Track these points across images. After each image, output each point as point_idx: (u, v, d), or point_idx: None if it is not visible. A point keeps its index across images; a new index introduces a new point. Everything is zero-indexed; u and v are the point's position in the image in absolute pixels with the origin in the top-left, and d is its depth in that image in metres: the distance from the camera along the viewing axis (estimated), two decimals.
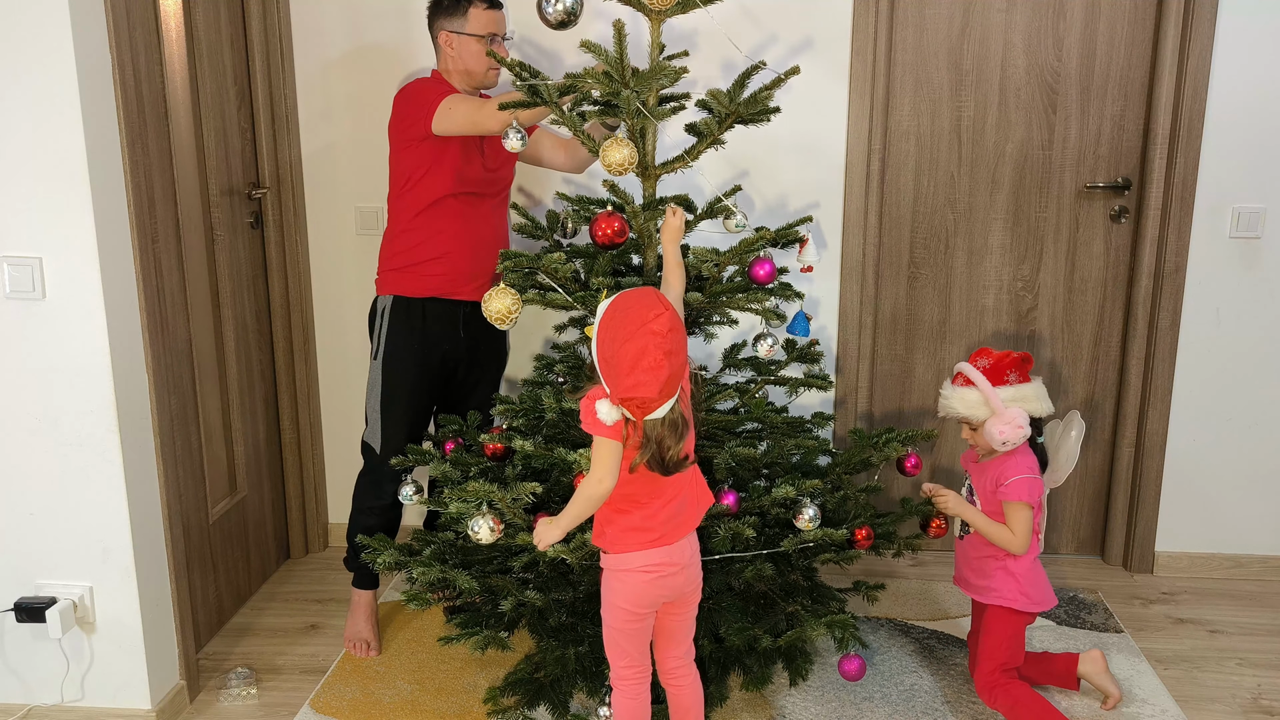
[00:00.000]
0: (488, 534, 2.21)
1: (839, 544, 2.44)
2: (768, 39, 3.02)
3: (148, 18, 2.43)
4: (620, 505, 2.00)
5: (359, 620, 2.83)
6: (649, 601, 2.05)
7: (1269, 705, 2.59)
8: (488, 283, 2.74)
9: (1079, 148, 3.11)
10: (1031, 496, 2.35)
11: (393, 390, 2.74)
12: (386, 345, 2.73)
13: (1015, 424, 2.33)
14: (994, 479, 2.39)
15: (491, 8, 2.66)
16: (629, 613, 2.04)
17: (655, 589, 2.03)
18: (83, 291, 2.24)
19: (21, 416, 2.33)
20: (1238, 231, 3.04)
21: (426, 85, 2.66)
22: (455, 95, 2.61)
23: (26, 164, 2.19)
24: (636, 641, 2.08)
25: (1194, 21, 2.92)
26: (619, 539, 2.02)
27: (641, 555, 2.00)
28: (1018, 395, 2.37)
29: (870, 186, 3.11)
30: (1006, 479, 2.36)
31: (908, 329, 3.27)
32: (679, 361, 1.87)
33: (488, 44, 2.65)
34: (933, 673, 2.70)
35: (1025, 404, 2.36)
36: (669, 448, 1.90)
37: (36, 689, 2.47)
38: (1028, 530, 2.36)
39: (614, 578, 2.05)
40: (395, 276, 2.74)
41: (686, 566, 2.05)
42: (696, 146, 2.42)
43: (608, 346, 1.87)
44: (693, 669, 2.19)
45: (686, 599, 2.11)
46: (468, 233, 2.72)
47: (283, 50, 3.07)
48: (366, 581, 2.85)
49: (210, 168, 2.82)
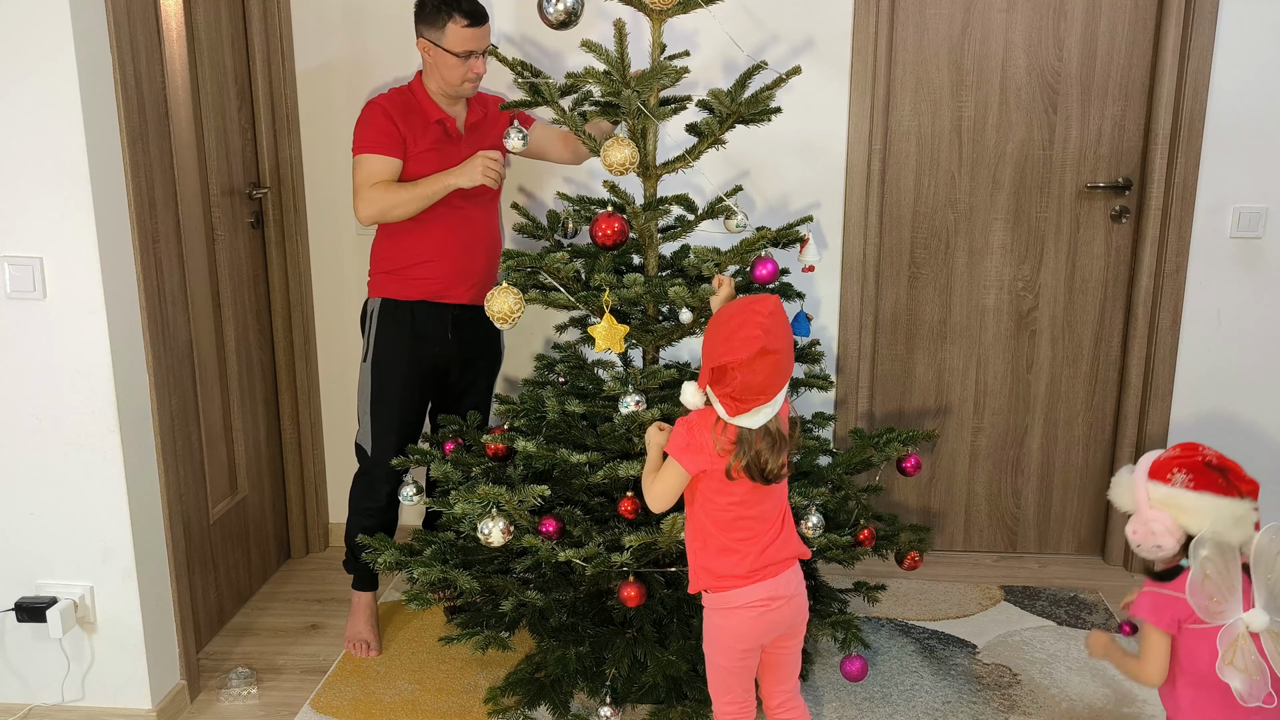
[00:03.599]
0: (499, 537, 2.20)
1: (842, 545, 2.44)
2: (769, 39, 3.02)
3: (148, 18, 2.43)
4: (719, 545, 1.94)
5: (359, 621, 2.83)
6: (756, 637, 1.98)
7: None
8: (477, 285, 2.74)
9: (1079, 148, 3.11)
10: (1156, 616, 1.87)
11: (382, 392, 2.75)
12: (376, 347, 2.74)
13: (1149, 529, 1.90)
14: None
15: (472, 25, 2.57)
16: (735, 650, 1.98)
17: (761, 624, 1.96)
18: (83, 291, 2.24)
19: (22, 416, 2.32)
20: (1238, 231, 3.04)
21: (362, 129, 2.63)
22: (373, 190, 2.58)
23: (27, 164, 2.19)
24: (742, 679, 2.02)
25: (1194, 21, 2.92)
26: (719, 581, 1.96)
27: (745, 591, 1.94)
28: (1170, 499, 1.88)
29: (871, 186, 3.11)
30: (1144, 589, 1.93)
31: (908, 329, 3.27)
32: (777, 345, 1.80)
33: (463, 61, 2.60)
34: (933, 673, 2.70)
35: (1180, 514, 1.87)
36: (767, 459, 1.85)
37: (37, 689, 2.47)
38: (1158, 657, 1.88)
39: (719, 615, 1.98)
40: (385, 279, 2.74)
41: (793, 598, 1.98)
42: (698, 146, 2.42)
43: (711, 333, 1.86)
44: (800, 702, 2.11)
45: (795, 630, 2.02)
46: (457, 236, 2.71)
47: (283, 50, 3.07)
48: (366, 583, 2.86)
49: (210, 168, 2.81)
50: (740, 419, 1.83)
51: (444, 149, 2.67)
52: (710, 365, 1.82)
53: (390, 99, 2.67)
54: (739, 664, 2.00)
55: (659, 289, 2.36)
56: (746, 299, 1.88)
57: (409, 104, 2.67)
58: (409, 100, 2.68)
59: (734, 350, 1.78)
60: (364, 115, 2.66)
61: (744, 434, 1.84)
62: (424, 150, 2.65)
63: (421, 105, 2.67)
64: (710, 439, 1.87)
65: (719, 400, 1.84)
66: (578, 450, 2.36)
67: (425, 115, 2.66)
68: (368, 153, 2.61)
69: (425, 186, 2.59)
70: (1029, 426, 3.31)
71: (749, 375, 1.78)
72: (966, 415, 3.32)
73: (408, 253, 2.70)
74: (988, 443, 3.33)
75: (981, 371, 3.28)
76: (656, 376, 2.31)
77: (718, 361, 1.80)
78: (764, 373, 1.79)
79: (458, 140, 2.71)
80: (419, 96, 2.68)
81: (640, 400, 2.27)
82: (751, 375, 1.78)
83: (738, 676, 2.01)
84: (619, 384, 2.30)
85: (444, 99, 2.68)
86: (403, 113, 2.64)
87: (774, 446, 1.85)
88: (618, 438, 2.36)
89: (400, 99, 2.67)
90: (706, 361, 1.84)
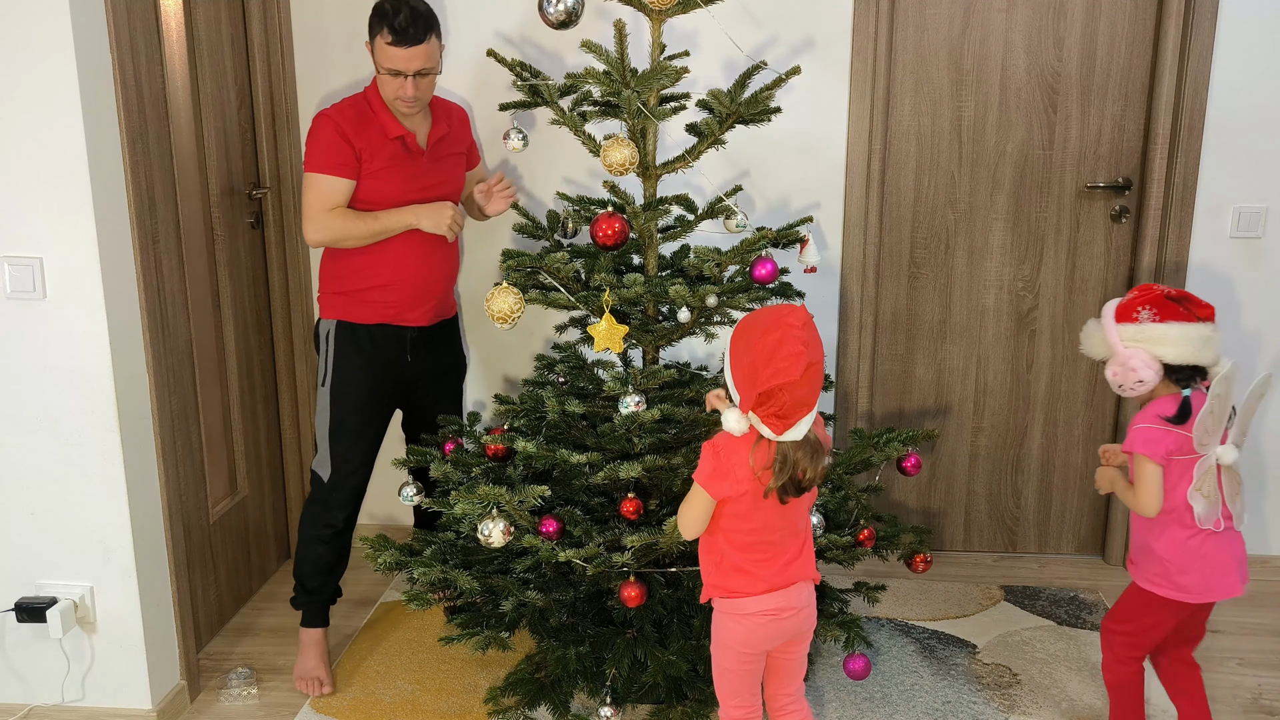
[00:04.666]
0: (500, 538, 2.20)
1: (842, 545, 2.44)
2: (769, 39, 3.02)
3: (148, 18, 2.43)
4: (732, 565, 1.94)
5: (310, 659, 2.66)
6: (763, 643, 1.99)
7: (1269, 705, 2.60)
8: (436, 307, 2.66)
9: (1079, 147, 3.11)
10: (1149, 448, 2.06)
11: (341, 418, 2.61)
12: (335, 373, 2.59)
13: (1129, 366, 2.08)
14: None
15: (398, 44, 2.37)
16: (742, 654, 1.99)
17: (769, 631, 1.97)
18: (83, 291, 2.24)
19: (22, 416, 2.32)
20: (1239, 231, 3.04)
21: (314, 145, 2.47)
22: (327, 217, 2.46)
23: (27, 164, 2.19)
24: (748, 681, 2.02)
25: (1194, 21, 2.92)
26: (731, 593, 1.96)
27: (756, 600, 1.94)
28: (1140, 334, 2.09)
29: (871, 186, 3.11)
30: (1133, 424, 2.11)
31: (908, 329, 3.27)
32: (817, 358, 1.79)
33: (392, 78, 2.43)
34: (933, 672, 2.70)
35: (1151, 345, 2.07)
36: (805, 469, 1.83)
37: (37, 689, 2.47)
38: (1153, 488, 2.07)
39: (728, 619, 1.99)
40: (339, 301, 2.60)
41: (802, 609, 1.99)
42: (697, 146, 2.42)
43: (742, 352, 1.81)
44: (804, 705, 2.12)
45: (802, 636, 2.03)
46: (416, 260, 2.56)
47: (283, 50, 3.07)
48: (317, 619, 2.69)
49: (210, 168, 2.81)
50: (785, 435, 1.81)
51: (404, 167, 2.52)
52: (757, 390, 1.77)
53: (343, 111, 2.49)
54: (745, 668, 2.00)
55: (659, 289, 2.36)
56: (772, 312, 1.84)
57: (364, 116, 2.49)
58: (364, 112, 2.50)
59: (781, 372, 1.74)
60: (315, 129, 2.48)
61: (785, 449, 1.82)
62: (382, 167, 2.50)
63: (379, 118, 2.50)
64: (742, 463, 1.85)
65: (764, 421, 1.81)
66: (578, 450, 2.36)
67: (383, 130, 2.49)
68: (319, 172, 2.45)
69: (384, 221, 2.48)
70: (1029, 426, 3.31)
71: (795, 392, 1.76)
72: (966, 415, 3.32)
73: (363, 275, 2.55)
74: (988, 442, 3.33)
75: (981, 371, 3.28)
76: (656, 376, 2.31)
77: (765, 386, 1.76)
78: (808, 386, 1.78)
79: (419, 156, 2.56)
80: (375, 107, 2.50)
81: (640, 400, 2.27)
82: (797, 392, 1.76)
83: (744, 680, 2.02)
84: (619, 384, 2.30)
85: (405, 116, 2.54)
86: (357, 127, 2.47)
87: (813, 454, 1.84)
88: (618, 438, 2.36)
89: (354, 111, 2.50)
90: (749, 386, 1.79)
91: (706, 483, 1.87)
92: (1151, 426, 2.07)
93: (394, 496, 3.32)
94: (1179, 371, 2.09)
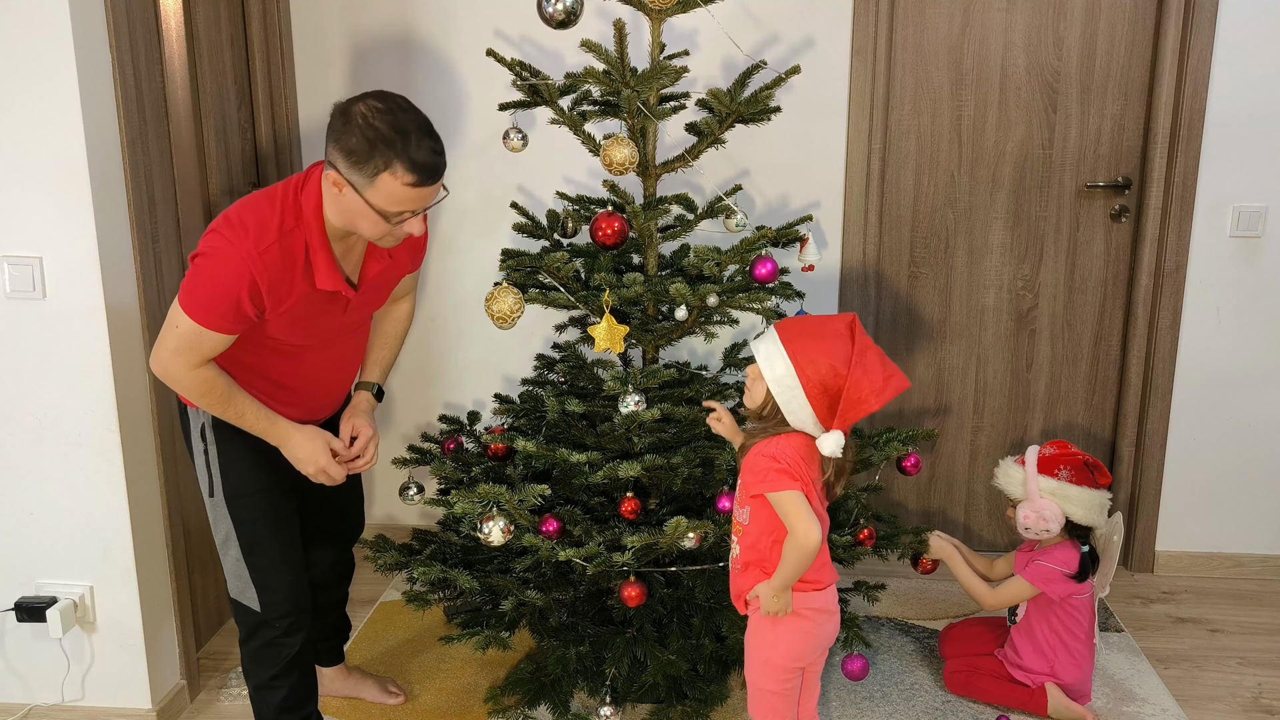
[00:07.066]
0: (499, 537, 2.20)
1: (842, 545, 2.44)
2: (768, 38, 3.02)
3: (148, 18, 2.43)
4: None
5: (352, 692, 2.55)
6: (812, 649, 2.02)
7: (1269, 704, 2.60)
8: (340, 404, 2.23)
9: (1079, 147, 3.11)
10: (1048, 586, 2.43)
11: (251, 538, 2.08)
12: (225, 481, 2.05)
13: (1041, 515, 2.40)
14: (1028, 559, 2.49)
15: (420, 184, 1.81)
16: (788, 670, 2.00)
17: (824, 633, 2.01)
18: (83, 291, 2.24)
19: (22, 416, 2.32)
20: (1238, 231, 3.04)
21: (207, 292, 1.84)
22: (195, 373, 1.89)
23: (27, 164, 2.19)
24: (790, 701, 2.04)
25: (1194, 21, 2.92)
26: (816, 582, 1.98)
27: (822, 595, 1.98)
28: (1056, 490, 2.41)
29: (870, 186, 3.11)
30: (1038, 560, 2.46)
31: (908, 328, 3.27)
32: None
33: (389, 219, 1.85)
34: (933, 672, 2.70)
35: (1064, 503, 2.41)
36: (845, 474, 1.98)
37: (37, 688, 2.47)
38: (1016, 600, 2.51)
39: (791, 624, 1.97)
40: None
41: (836, 612, 2.04)
42: (697, 146, 2.42)
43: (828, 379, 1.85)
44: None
45: (829, 646, 2.08)
46: (321, 374, 2.11)
47: (283, 50, 3.07)
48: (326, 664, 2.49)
49: (210, 167, 2.81)
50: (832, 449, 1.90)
51: (319, 307, 1.97)
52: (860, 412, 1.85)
53: (267, 257, 1.84)
54: (790, 685, 2.03)
55: (659, 288, 2.37)
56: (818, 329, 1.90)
57: (292, 262, 1.88)
58: (295, 257, 1.88)
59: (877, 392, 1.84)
60: (218, 271, 1.82)
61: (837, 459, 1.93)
62: (291, 307, 1.92)
63: (314, 266, 1.90)
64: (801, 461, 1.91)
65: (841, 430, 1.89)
66: (578, 450, 2.36)
67: (313, 281, 1.91)
68: (199, 325, 1.84)
69: (253, 418, 1.97)
70: (1029, 426, 3.31)
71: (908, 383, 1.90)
72: (966, 414, 3.32)
73: (251, 382, 2.01)
74: (988, 442, 3.33)
75: (981, 371, 3.28)
76: (656, 376, 2.32)
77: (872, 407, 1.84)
78: None
79: (345, 301, 2.01)
80: (314, 247, 1.90)
81: (640, 400, 2.28)
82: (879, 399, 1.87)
83: (786, 700, 2.04)
84: (619, 384, 2.30)
85: (343, 236, 1.95)
86: (279, 276, 1.87)
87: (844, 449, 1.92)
88: (617, 437, 2.36)
89: (282, 257, 1.86)
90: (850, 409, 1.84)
91: (790, 481, 1.88)
92: (1055, 568, 2.43)
93: (394, 496, 3.34)
94: (1077, 528, 2.45)
